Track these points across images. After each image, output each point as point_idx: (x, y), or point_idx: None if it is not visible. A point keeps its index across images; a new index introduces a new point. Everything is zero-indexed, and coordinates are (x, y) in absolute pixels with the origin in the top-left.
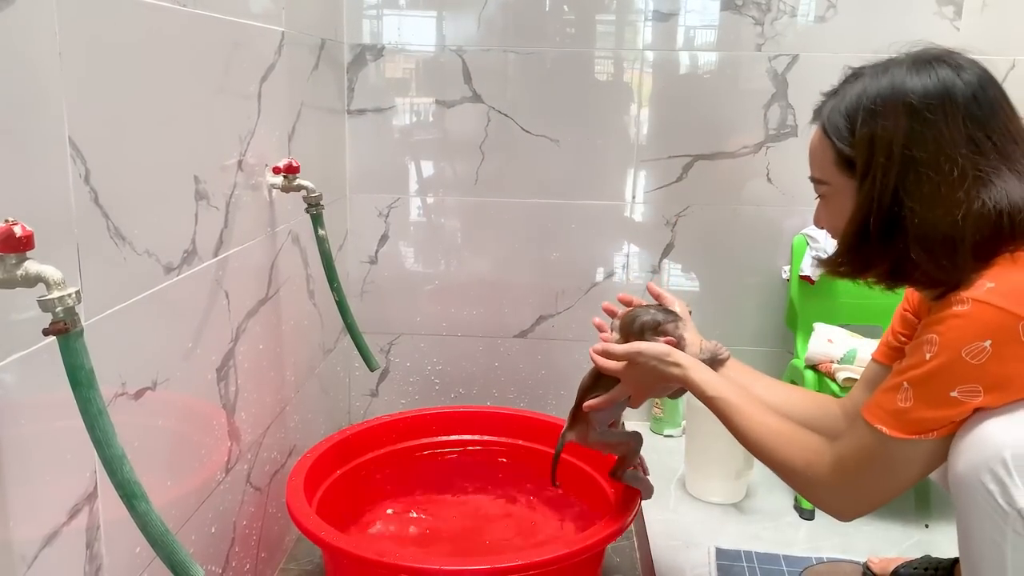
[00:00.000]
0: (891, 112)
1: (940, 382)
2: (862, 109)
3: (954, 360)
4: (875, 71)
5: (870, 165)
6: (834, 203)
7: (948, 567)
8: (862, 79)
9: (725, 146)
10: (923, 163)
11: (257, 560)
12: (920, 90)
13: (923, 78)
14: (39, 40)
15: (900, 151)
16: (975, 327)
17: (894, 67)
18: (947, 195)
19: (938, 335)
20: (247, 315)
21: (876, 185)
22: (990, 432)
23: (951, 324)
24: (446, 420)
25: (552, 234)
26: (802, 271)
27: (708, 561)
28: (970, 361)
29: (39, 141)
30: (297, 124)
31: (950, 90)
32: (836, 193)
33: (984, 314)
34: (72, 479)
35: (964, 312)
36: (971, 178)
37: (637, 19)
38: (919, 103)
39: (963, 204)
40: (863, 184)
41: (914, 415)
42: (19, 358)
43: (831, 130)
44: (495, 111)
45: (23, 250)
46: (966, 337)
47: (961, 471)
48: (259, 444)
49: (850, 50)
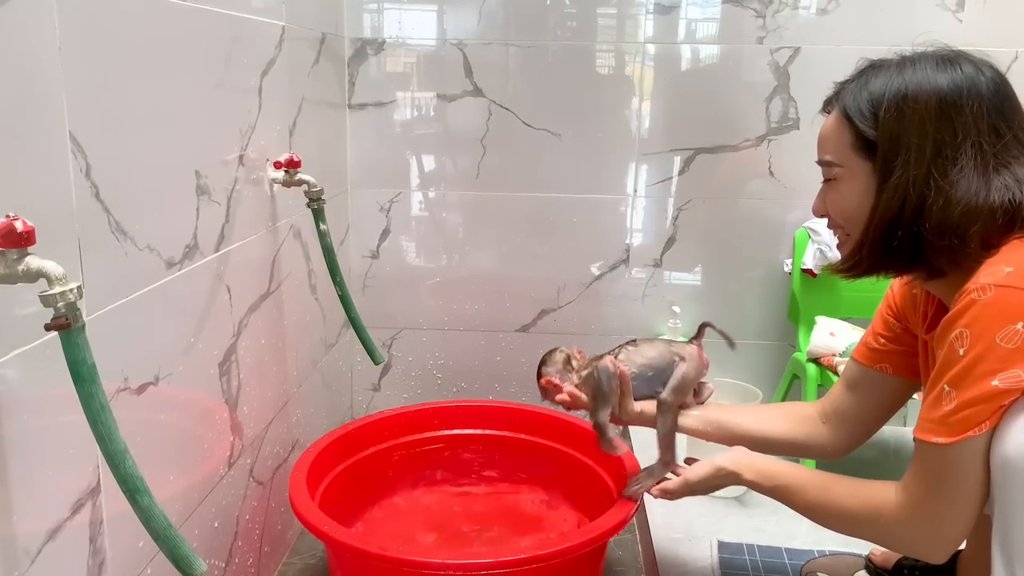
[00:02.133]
0: (923, 101)
1: (980, 373)
2: (889, 97)
3: (990, 348)
4: (900, 64)
5: (898, 153)
6: (846, 186)
7: (950, 561)
8: (885, 70)
9: (727, 139)
10: (951, 147)
11: (260, 554)
12: (948, 82)
13: (950, 73)
14: (39, 35)
15: (931, 133)
16: (1005, 312)
17: (920, 62)
18: (969, 178)
19: (967, 328)
20: (249, 310)
21: (909, 172)
22: None
23: (976, 314)
24: (448, 414)
25: (553, 228)
26: (804, 264)
27: (710, 554)
28: (1005, 346)
29: (40, 136)
30: (298, 119)
31: (975, 83)
32: (849, 176)
33: (1011, 297)
34: (75, 474)
35: (989, 299)
36: (991, 164)
37: (638, 12)
38: (949, 94)
39: (983, 191)
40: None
41: (960, 414)
42: (21, 353)
43: (853, 113)
44: (496, 105)
45: (24, 245)
46: (997, 323)
47: (1012, 453)
48: (262, 439)
49: (852, 43)
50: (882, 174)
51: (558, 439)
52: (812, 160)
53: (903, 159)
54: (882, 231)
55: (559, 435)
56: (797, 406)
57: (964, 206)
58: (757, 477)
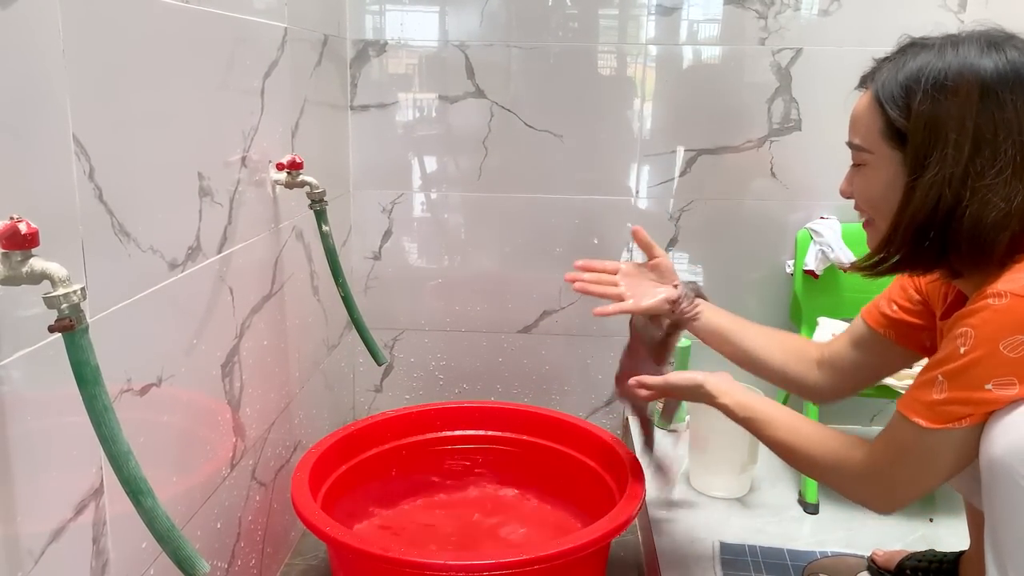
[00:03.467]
0: (962, 89)
1: (976, 375)
2: (925, 81)
3: (991, 353)
4: (942, 44)
5: (934, 144)
6: (872, 173)
7: (953, 561)
8: (926, 51)
9: (729, 140)
10: (990, 145)
11: (262, 555)
12: (992, 69)
13: (994, 58)
14: (43, 37)
15: (971, 129)
16: (1014, 320)
17: (964, 43)
18: (1007, 181)
19: (973, 328)
20: (251, 311)
21: (946, 165)
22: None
23: (986, 317)
24: (450, 416)
25: (555, 229)
26: (806, 265)
27: (712, 555)
28: (1008, 354)
29: (43, 138)
30: (300, 120)
31: (1020, 72)
32: (877, 163)
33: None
34: (78, 475)
35: (1002, 306)
36: None
37: (640, 13)
38: (991, 82)
39: (1018, 195)
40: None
41: (948, 406)
42: (25, 355)
43: (885, 97)
44: (498, 106)
45: (28, 247)
46: (1004, 331)
47: (999, 453)
48: (264, 440)
49: (854, 44)
50: (913, 168)
51: (560, 440)
52: (813, 161)
53: (939, 155)
54: (913, 231)
55: (561, 436)
56: (801, 343)
57: (999, 212)
58: (732, 404)
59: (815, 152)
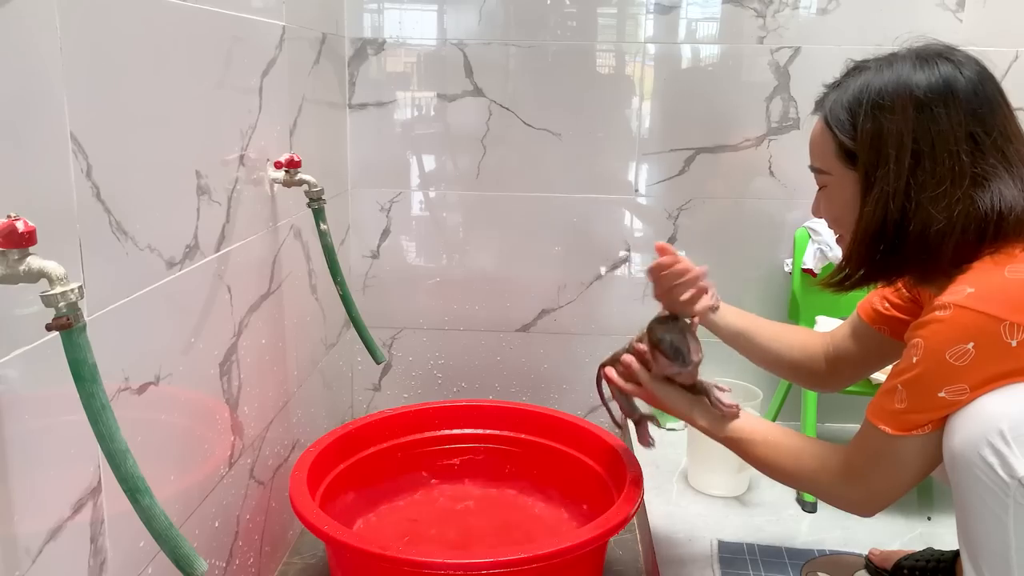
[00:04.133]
0: (898, 106)
1: (927, 384)
2: (865, 102)
3: (939, 363)
4: (879, 65)
5: (878, 161)
6: (835, 193)
7: (950, 560)
8: (865, 72)
9: (727, 139)
10: (928, 158)
11: (260, 554)
12: (924, 84)
13: (927, 73)
14: (40, 36)
15: (909, 144)
16: (957, 331)
17: (898, 62)
18: (946, 192)
19: (923, 339)
20: (249, 310)
21: (889, 180)
22: (984, 406)
23: (934, 329)
24: (448, 414)
25: (554, 228)
26: (804, 264)
27: (710, 554)
28: (955, 363)
29: (41, 136)
30: (298, 119)
31: (952, 85)
32: (837, 183)
33: (965, 318)
34: (76, 474)
35: (946, 317)
36: (968, 177)
37: (639, 12)
38: (924, 97)
39: (959, 203)
40: (873, 183)
41: (908, 416)
42: (22, 353)
43: (833, 122)
44: (496, 105)
45: (26, 245)
46: (949, 341)
47: (958, 447)
48: (262, 438)
49: (852, 43)
50: (865, 185)
51: (558, 439)
52: None
53: (883, 171)
54: (867, 243)
55: (559, 435)
56: (808, 337)
57: (940, 222)
58: (710, 425)
59: None
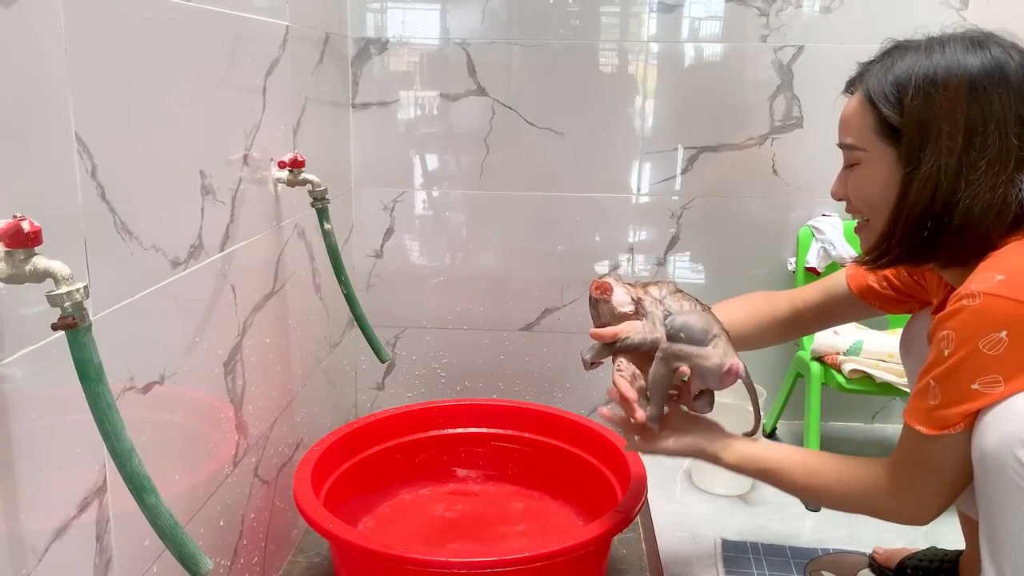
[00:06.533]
0: (953, 86)
1: (961, 376)
2: (916, 80)
3: (972, 353)
4: (928, 44)
5: (926, 140)
6: (868, 172)
7: (954, 559)
8: (913, 52)
9: (730, 138)
10: (980, 137)
11: (265, 553)
12: (978, 65)
13: (980, 56)
14: (45, 36)
15: (962, 123)
16: (989, 319)
17: (950, 43)
18: (995, 173)
19: (953, 331)
20: (253, 309)
21: (940, 158)
22: (1020, 405)
23: (964, 319)
24: (452, 413)
25: (557, 227)
26: (808, 263)
27: (714, 552)
28: (988, 353)
29: (46, 137)
30: (302, 118)
31: (1004, 69)
32: (872, 162)
33: (997, 306)
34: (82, 472)
35: (977, 306)
36: (1014, 160)
37: (642, 11)
38: (980, 79)
39: (1003, 185)
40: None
41: (942, 411)
42: (28, 353)
43: (877, 96)
44: (499, 104)
45: (31, 245)
46: (982, 330)
47: (990, 447)
48: (266, 437)
49: (856, 41)
50: (908, 162)
51: (562, 438)
52: (815, 158)
53: (933, 148)
54: (912, 223)
55: (563, 434)
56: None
57: (986, 201)
58: (738, 460)
59: (817, 149)
